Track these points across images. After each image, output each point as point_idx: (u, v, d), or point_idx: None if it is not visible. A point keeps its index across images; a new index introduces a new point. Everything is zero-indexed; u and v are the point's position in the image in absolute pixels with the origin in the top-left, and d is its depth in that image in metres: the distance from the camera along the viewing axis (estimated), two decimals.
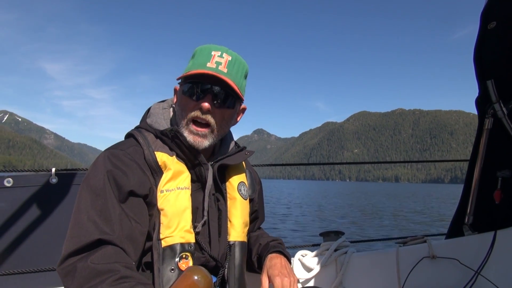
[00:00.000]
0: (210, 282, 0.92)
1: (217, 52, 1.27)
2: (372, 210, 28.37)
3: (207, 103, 1.23)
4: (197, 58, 1.28)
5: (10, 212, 1.96)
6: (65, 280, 1.02)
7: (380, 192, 75.51)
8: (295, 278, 1.38)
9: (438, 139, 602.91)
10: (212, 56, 1.25)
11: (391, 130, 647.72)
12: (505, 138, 2.17)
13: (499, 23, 1.96)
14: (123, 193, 1.13)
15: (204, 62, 1.25)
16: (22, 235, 1.96)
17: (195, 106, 1.25)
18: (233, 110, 1.34)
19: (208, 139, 1.27)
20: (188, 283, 0.91)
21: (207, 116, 1.25)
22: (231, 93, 1.28)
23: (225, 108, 1.29)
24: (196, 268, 0.96)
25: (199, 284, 0.90)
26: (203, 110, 1.24)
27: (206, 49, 1.28)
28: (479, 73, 2.18)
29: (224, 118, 1.30)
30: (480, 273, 2.11)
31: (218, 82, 1.25)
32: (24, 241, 1.96)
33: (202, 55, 1.27)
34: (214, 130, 1.28)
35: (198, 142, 1.26)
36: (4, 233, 1.94)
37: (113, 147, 1.25)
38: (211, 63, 1.24)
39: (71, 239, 1.05)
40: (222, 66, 1.25)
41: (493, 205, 2.21)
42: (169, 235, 1.18)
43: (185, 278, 0.93)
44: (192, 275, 0.92)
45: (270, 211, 23.69)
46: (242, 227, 1.39)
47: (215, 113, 1.27)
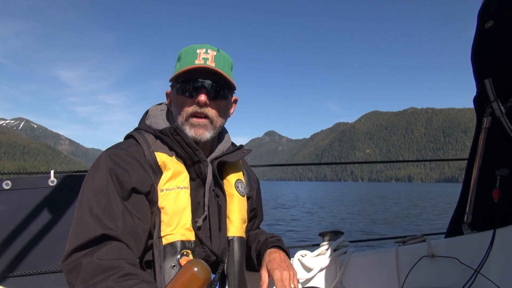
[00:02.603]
0: (209, 273, 0.97)
1: (201, 49, 1.32)
2: (373, 210, 28.13)
3: (203, 97, 1.28)
4: (183, 59, 1.32)
5: (9, 215, 1.95)
6: (69, 276, 1.03)
7: (389, 193, 74.14)
8: (294, 271, 1.40)
9: (451, 138, 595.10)
10: (198, 54, 1.31)
11: (403, 129, 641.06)
12: (503, 136, 2.17)
13: (496, 22, 1.96)
14: (126, 190, 1.15)
15: (192, 60, 1.30)
16: (21, 238, 1.95)
17: (192, 103, 1.30)
18: (227, 101, 1.39)
19: (208, 130, 1.32)
20: (189, 274, 0.95)
21: (204, 109, 1.30)
22: (223, 84, 1.33)
23: (219, 100, 1.34)
24: (196, 260, 1.00)
25: (199, 275, 0.95)
26: (200, 103, 1.28)
27: (190, 49, 1.33)
28: (477, 72, 2.18)
29: (220, 109, 1.36)
30: (479, 272, 2.11)
31: (209, 76, 1.30)
32: (23, 244, 1.95)
33: (188, 55, 1.32)
34: (213, 122, 1.33)
35: (200, 134, 1.30)
36: (4, 236, 1.93)
37: (114, 147, 1.28)
38: (199, 60, 1.29)
39: (75, 235, 1.07)
40: (210, 61, 1.30)
41: (492, 204, 2.21)
42: (169, 233, 1.20)
43: (186, 270, 0.97)
44: (192, 267, 0.96)
45: (270, 211, 23.66)
46: (240, 223, 1.42)
47: (211, 105, 1.32)
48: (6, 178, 1.99)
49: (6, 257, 1.93)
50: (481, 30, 2.04)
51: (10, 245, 1.94)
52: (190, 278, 0.95)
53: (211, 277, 0.99)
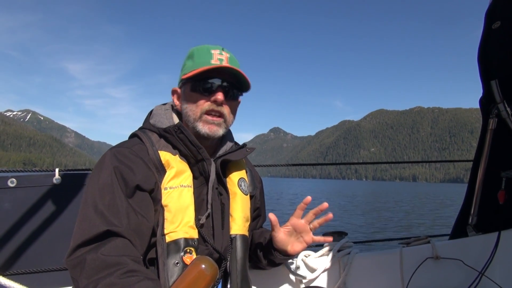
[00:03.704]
0: (216, 270, 0.99)
1: (215, 50, 1.34)
2: (376, 209, 28.02)
3: (221, 95, 1.31)
4: (198, 58, 1.34)
5: (14, 213, 1.97)
6: (73, 271, 1.04)
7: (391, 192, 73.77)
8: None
9: (458, 138, 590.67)
10: (212, 54, 1.33)
11: (409, 128, 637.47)
12: (509, 138, 2.16)
13: (504, 23, 1.95)
14: (130, 188, 1.17)
15: (208, 60, 1.32)
16: (26, 235, 1.96)
17: (207, 100, 1.32)
18: (237, 102, 1.42)
19: (222, 127, 1.35)
20: (197, 271, 0.97)
21: (220, 108, 1.33)
22: (237, 85, 1.37)
23: (232, 100, 1.38)
24: (203, 257, 1.02)
25: (206, 272, 0.96)
26: (218, 102, 1.31)
27: (204, 48, 1.36)
28: (483, 73, 2.17)
29: (232, 109, 1.39)
30: (484, 274, 2.10)
31: (226, 76, 1.33)
32: (28, 241, 1.96)
33: (202, 54, 1.34)
34: (226, 120, 1.36)
35: (214, 131, 1.33)
36: (8, 234, 1.94)
37: (119, 145, 1.29)
38: (215, 60, 1.32)
39: (80, 231, 1.08)
40: (225, 62, 1.33)
41: (497, 206, 2.20)
42: (173, 230, 1.21)
43: (193, 266, 0.99)
44: (200, 264, 0.98)
45: (271, 212, 23.55)
46: (243, 221, 1.42)
47: (226, 104, 1.35)
48: (11, 175, 2.00)
49: (11, 255, 1.94)
50: (488, 31, 2.02)
51: (14, 242, 1.95)
52: (198, 274, 0.96)
53: (217, 274, 1.01)
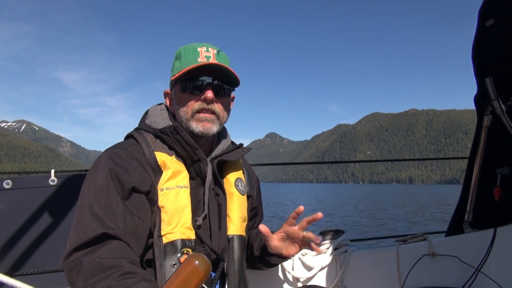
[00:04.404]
0: (209, 266, 0.99)
1: (202, 48, 1.33)
2: (373, 209, 28.07)
3: (211, 93, 1.29)
4: (184, 58, 1.33)
5: (10, 214, 1.95)
6: (70, 274, 1.04)
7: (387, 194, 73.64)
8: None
9: (452, 139, 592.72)
10: (199, 52, 1.32)
11: (404, 131, 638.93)
12: (504, 135, 2.16)
13: (497, 20, 1.96)
14: (126, 190, 1.16)
15: (194, 58, 1.30)
16: (22, 237, 1.95)
17: (197, 100, 1.31)
18: (229, 98, 1.41)
19: (215, 124, 1.33)
20: (191, 267, 0.96)
21: (211, 106, 1.31)
22: (226, 81, 1.35)
23: (223, 97, 1.36)
24: (197, 254, 1.02)
25: (200, 268, 0.96)
26: (208, 100, 1.30)
27: (190, 47, 1.34)
28: (478, 70, 2.18)
29: (224, 106, 1.37)
30: (480, 271, 2.11)
31: (214, 73, 1.31)
32: (24, 243, 1.94)
33: (189, 53, 1.33)
34: (219, 117, 1.35)
35: (208, 128, 1.31)
36: (4, 235, 1.92)
37: (114, 147, 1.28)
38: (201, 58, 1.31)
39: (76, 234, 1.07)
40: (212, 59, 1.31)
41: (493, 202, 2.21)
42: (170, 232, 1.20)
43: (187, 263, 0.98)
44: (193, 260, 0.98)
45: (272, 212, 23.61)
46: (240, 221, 1.42)
47: (217, 102, 1.33)
48: (6, 177, 1.98)
49: (7, 257, 1.93)
50: (481, 28, 2.03)
51: (10, 244, 1.93)
52: (192, 270, 0.96)
53: (211, 269, 1.02)
